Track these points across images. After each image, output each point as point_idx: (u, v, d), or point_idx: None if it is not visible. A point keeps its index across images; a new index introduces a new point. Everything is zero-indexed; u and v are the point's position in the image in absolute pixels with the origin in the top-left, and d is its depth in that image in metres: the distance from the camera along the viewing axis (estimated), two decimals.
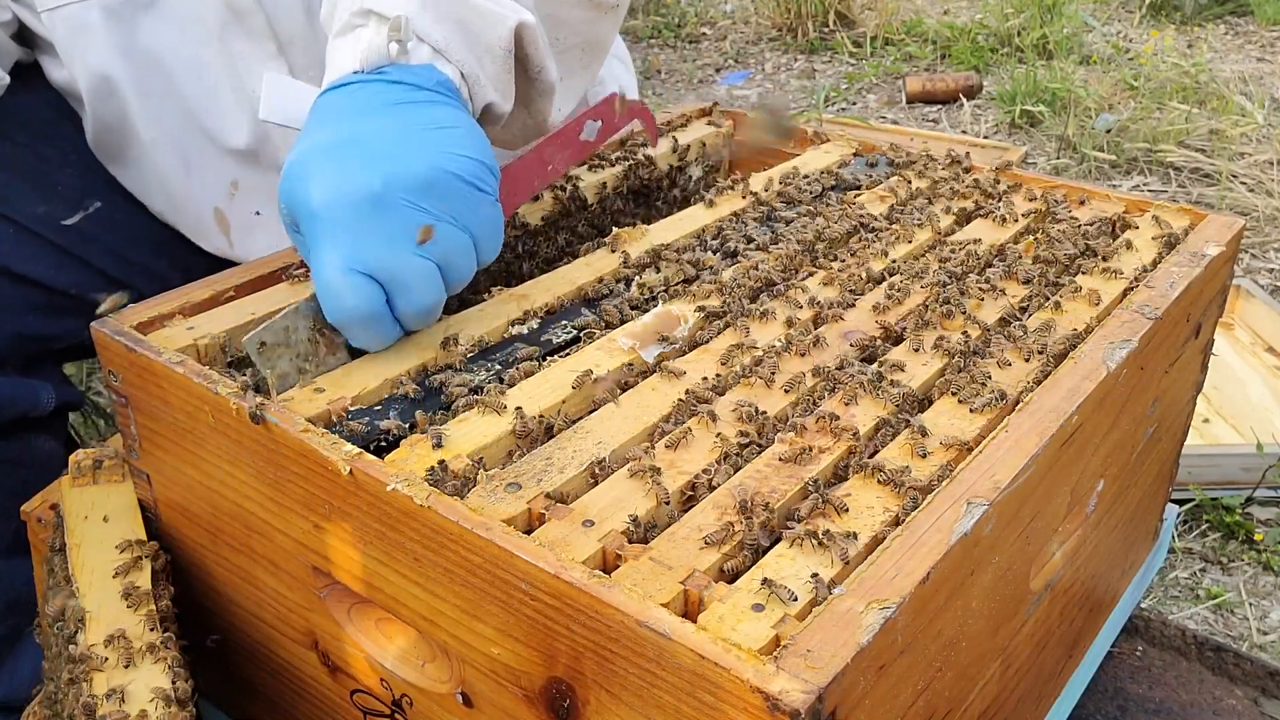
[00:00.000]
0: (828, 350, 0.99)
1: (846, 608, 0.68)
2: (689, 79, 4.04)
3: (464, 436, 0.86)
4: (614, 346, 0.99)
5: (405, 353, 0.98)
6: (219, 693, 1.11)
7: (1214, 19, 4.48)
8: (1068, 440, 0.90)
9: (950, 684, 0.82)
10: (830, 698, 0.63)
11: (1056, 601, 1.03)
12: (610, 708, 0.72)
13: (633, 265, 1.14)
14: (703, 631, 0.66)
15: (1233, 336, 2.21)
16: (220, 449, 0.92)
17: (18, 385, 1.29)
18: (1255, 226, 2.77)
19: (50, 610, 1.01)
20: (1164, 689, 1.41)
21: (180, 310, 1.02)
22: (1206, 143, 3.19)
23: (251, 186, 1.26)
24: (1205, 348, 1.26)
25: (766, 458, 0.85)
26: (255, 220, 1.27)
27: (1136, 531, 1.27)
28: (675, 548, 0.75)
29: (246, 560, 0.98)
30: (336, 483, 0.83)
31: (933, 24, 4.37)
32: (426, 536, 0.78)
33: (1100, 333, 1.00)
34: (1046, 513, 0.91)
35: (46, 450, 1.35)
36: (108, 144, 1.32)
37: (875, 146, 1.44)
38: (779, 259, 1.13)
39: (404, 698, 0.89)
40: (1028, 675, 1.02)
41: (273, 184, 1.26)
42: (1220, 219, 1.22)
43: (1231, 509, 1.78)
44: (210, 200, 1.27)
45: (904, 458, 0.84)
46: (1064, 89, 3.47)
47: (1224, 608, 1.63)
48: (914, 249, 1.18)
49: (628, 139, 1.42)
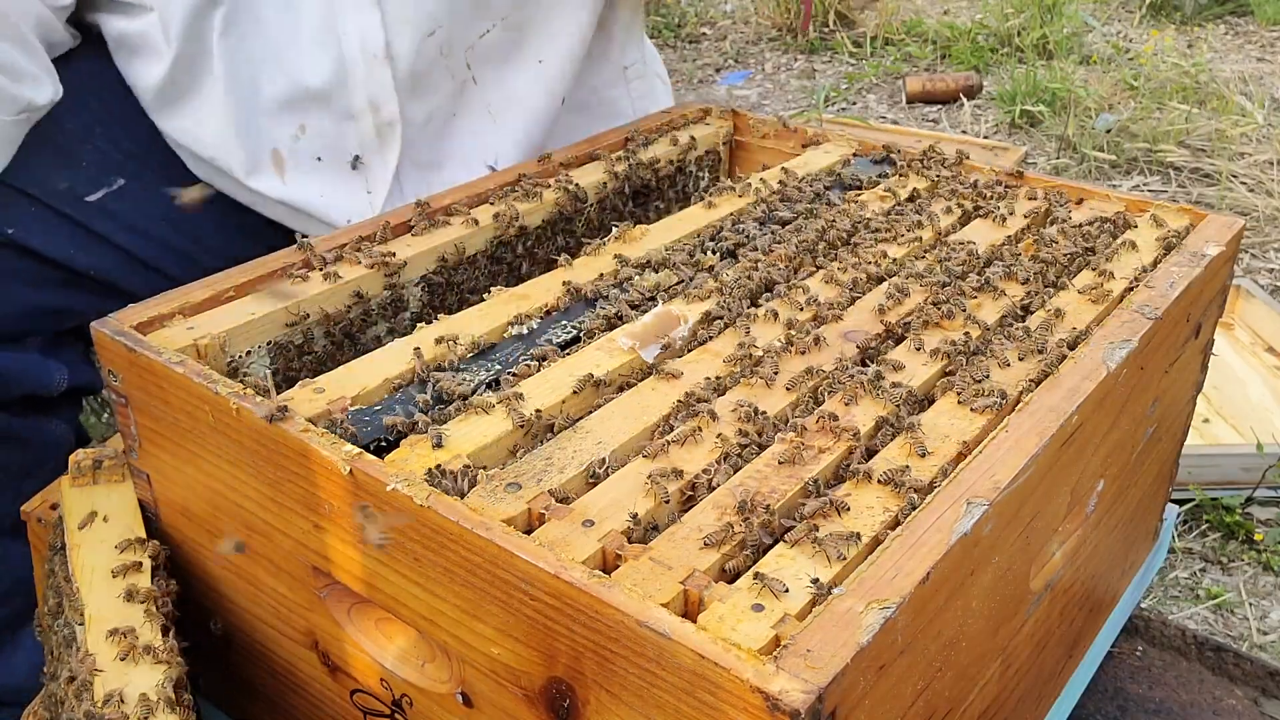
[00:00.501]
0: (828, 350, 0.99)
1: (846, 608, 0.68)
2: (689, 79, 4.04)
3: (464, 436, 0.86)
4: (614, 346, 0.99)
5: (405, 353, 0.98)
6: (219, 693, 1.11)
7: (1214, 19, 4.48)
8: (1068, 440, 0.90)
9: (950, 684, 0.82)
10: (830, 698, 0.63)
11: (1056, 601, 1.03)
12: (610, 708, 0.72)
13: (632, 265, 1.14)
14: (703, 631, 0.66)
15: (1233, 336, 2.21)
16: (220, 449, 0.92)
17: (31, 361, 1.29)
18: (1255, 226, 2.77)
19: (50, 610, 1.01)
20: (1164, 689, 1.41)
21: (180, 310, 1.02)
22: (1206, 143, 3.19)
23: (319, 130, 1.28)
24: (1205, 348, 1.26)
25: (766, 458, 0.85)
26: (315, 165, 1.29)
27: (1136, 531, 1.27)
28: (675, 548, 0.75)
29: (246, 560, 0.98)
30: (336, 483, 0.83)
31: (933, 24, 4.37)
32: (426, 536, 0.78)
33: (1100, 333, 1.00)
34: (1046, 513, 0.91)
35: (57, 434, 1.35)
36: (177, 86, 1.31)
37: (875, 146, 1.44)
38: (779, 259, 1.13)
39: (404, 698, 0.89)
40: (1028, 675, 1.02)
41: (341, 130, 1.27)
42: (1220, 219, 1.22)
43: (1231, 509, 1.77)
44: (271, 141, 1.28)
45: (904, 457, 0.84)
46: (1064, 89, 3.47)
47: (1224, 608, 1.63)
48: (914, 249, 1.18)
49: (628, 139, 1.42)
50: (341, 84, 1.27)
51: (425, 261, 1.15)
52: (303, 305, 1.06)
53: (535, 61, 1.39)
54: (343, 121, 1.29)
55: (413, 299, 1.16)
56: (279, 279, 1.08)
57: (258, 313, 1.03)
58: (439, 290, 1.18)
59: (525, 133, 1.43)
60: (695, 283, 1.10)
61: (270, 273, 1.08)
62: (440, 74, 1.33)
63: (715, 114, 1.53)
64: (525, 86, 1.41)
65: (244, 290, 1.06)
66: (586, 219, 1.31)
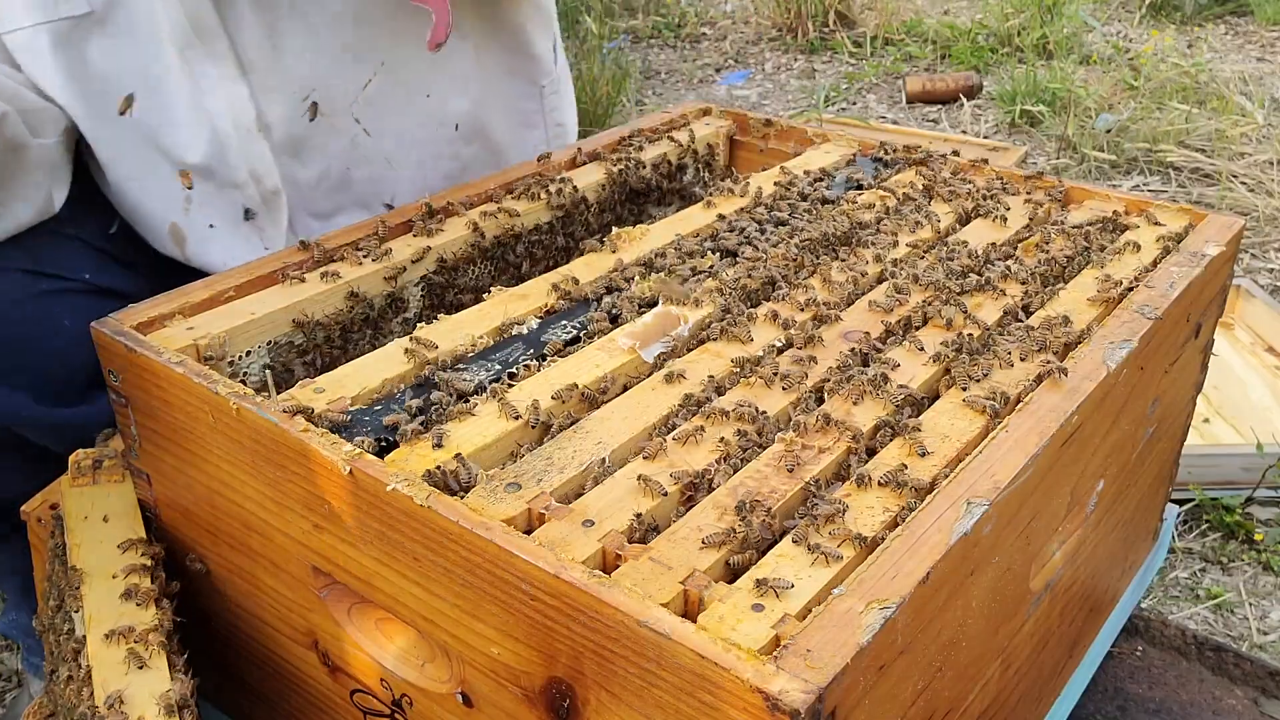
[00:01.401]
0: (828, 350, 0.99)
1: (846, 608, 0.68)
2: (689, 79, 4.03)
3: (464, 436, 0.86)
4: (614, 346, 0.99)
5: (405, 353, 0.98)
6: (219, 693, 1.11)
7: (1214, 19, 4.47)
8: (1068, 440, 0.90)
9: (950, 684, 0.82)
10: (830, 698, 0.63)
11: (1056, 601, 1.03)
12: (610, 708, 0.72)
13: (633, 265, 1.14)
14: (703, 631, 0.66)
15: (1233, 336, 2.21)
16: (220, 449, 0.92)
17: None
18: (1255, 226, 2.77)
19: (50, 610, 1.01)
20: (1164, 689, 1.41)
21: (180, 310, 1.02)
22: (1206, 143, 3.19)
23: (205, 199, 1.27)
24: (1205, 348, 1.26)
25: (766, 458, 0.85)
26: (210, 233, 1.28)
27: (1136, 531, 1.27)
28: (675, 548, 0.75)
29: (246, 560, 0.98)
30: (336, 483, 0.83)
31: (933, 24, 4.37)
32: (426, 536, 0.78)
33: (1100, 333, 1.00)
34: (1046, 513, 0.91)
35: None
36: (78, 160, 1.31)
37: (875, 146, 1.44)
38: (779, 259, 1.13)
39: (404, 698, 0.89)
40: (1028, 675, 1.02)
41: (227, 198, 1.27)
42: (1220, 219, 1.22)
43: (1231, 509, 1.77)
44: (166, 215, 1.27)
45: (903, 457, 0.84)
46: (1064, 89, 3.46)
47: (1224, 608, 1.63)
48: (914, 249, 1.18)
49: (629, 138, 1.42)
50: (221, 158, 1.24)
51: (426, 262, 1.15)
52: (302, 305, 1.06)
53: (423, 97, 1.35)
54: (228, 190, 1.27)
55: (412, 299, 1.16)
56: (277, 280, 1.08)
57: (258, 313, 1.03)
58: (439, 290, 1.18)
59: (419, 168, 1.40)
60: (695, 283, 1.10)
61: (270, 273, 1.08)
62: (324, 135, 1.29)
63: (715, 114, 1.53)
64: (419, 126, 1.37)
65: (244, 290, 1.06)
66: (586, 219, 1.31)
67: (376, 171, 1.35)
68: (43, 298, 1.22)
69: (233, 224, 1.28)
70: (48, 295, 1.22)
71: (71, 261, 1.26)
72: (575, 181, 1.30)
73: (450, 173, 1.42)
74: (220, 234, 1.29)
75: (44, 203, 1.21)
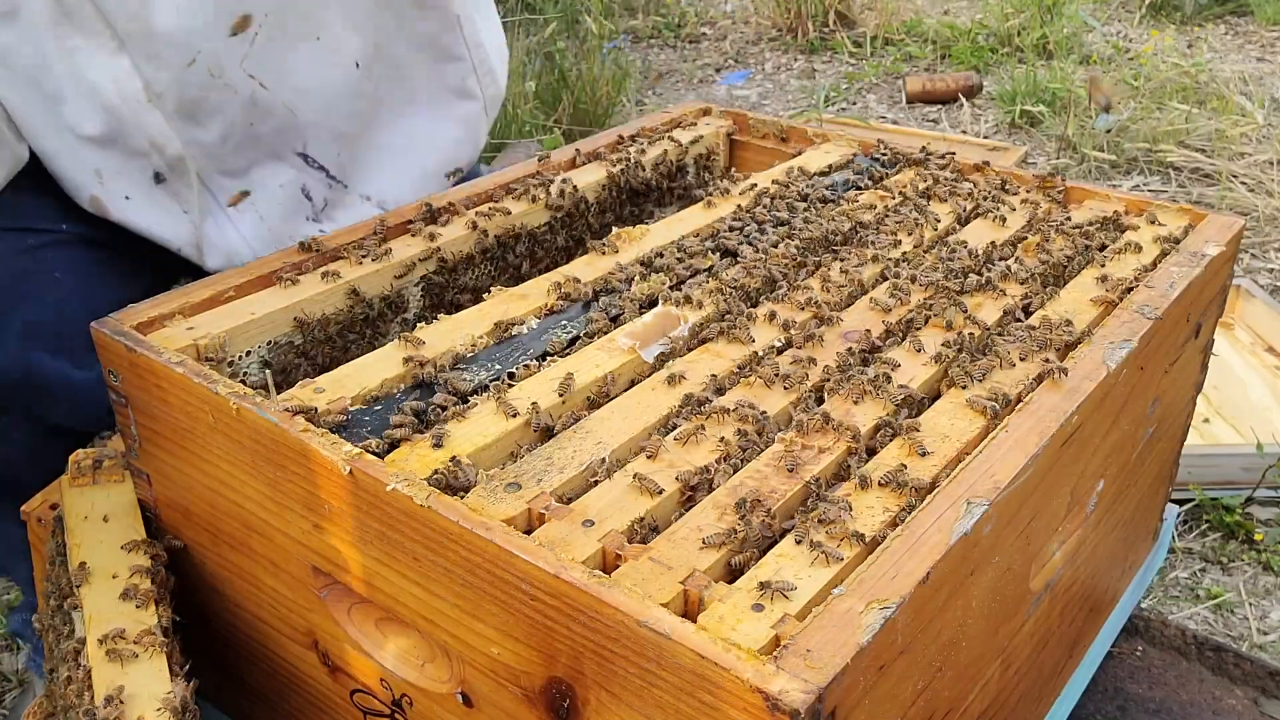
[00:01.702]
0: (827, 350, 0.99)
1: (846, 608, 0.68)
2: (689, 79, 4.04)
3: (464, 436, 0.86)
4: (614, 346, 0.99)
5: (405, 353, 0.98)
6: (219, 693, 1.11)
7: (1214, 19, 4.48)
8: (1068, 440, 0.90)
9: (950, 684, 0.82)
10: (830, 698, 0.63)
11: (1056, 601, 1.03)
12: (610, 708, 0.72)
13: (633, 265, 1.14)
14: (702, 631, 0.66)
15: (1233, 336, 2.21)
16: (220, 449, 0.92)
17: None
18: (1255, 226, 2.77)
19: (50, 610, 1.01)
20: (1164, 689, 1.41)
21: (180, 310, 1.02)
22: (1206, 143, 3.19)
23: (114, 171, 1.28)
24: (1205, 348, 1.26)
25: (766, 457, 0.85)
26: (126, 204, 1.29)
27: (1136, 531, 1.27)
28: (675, 548, 0.75)
29: (246, 560, 0.98)
30: (336, 483, 0.83)
31: (933, 24, 4.37)
32: (426, 536, 0.78)
33: (1100, 333, 1.00)
34: (1046, 513, 0.91)
35: None
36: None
37: (875, 146, 1.44)
38: (779, 259, 1.13)
39: (404, 698, 0.89)
40: (1028, 675, 1.02)
41: (134, 168, 1.27)
42: (1220, 219, 1.22)
43: (1231, 509, 1.77)
44: (86, 186, 1.29)
45: (903, 457, 0.84)
46: (1064, 89, 3.46)
47: (1224, 608, 1.63)
48: (914, 249, 1.18)
49: (628, 139, 1.42)
50: (119, 130, 1.25)
51: (426, 262, 1.15)
52: (303, 305, 1.06)
53: (314, 40, 1.33)
54: (136, 158, 1.28)
55: (412, 299, 1.16)
56: (278, 279, 1.08)
57: (257, 313, 1.03)
58: (439, 290, 1.18)
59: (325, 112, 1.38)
60: (695, 283, 1.10)
61: (269, 273, 1.08)
62: (219, 95, 1.29)
63: (715, 114, 1.53)
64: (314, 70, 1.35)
65: (244, 290, 1.06)
66: (586, 219, 1.31)
67: (280, 122, 1.34)
68: (31, 252, 1.24)
69: (146, 191, 1.29)
70: (35, 250, 1.24)
71: (51, 214, 1.28)
72: (575, 181, 1.30)
73: (359, 110, 1.40)
74: (137, 204, 1.29)
75: (12, 161, 1.22)
